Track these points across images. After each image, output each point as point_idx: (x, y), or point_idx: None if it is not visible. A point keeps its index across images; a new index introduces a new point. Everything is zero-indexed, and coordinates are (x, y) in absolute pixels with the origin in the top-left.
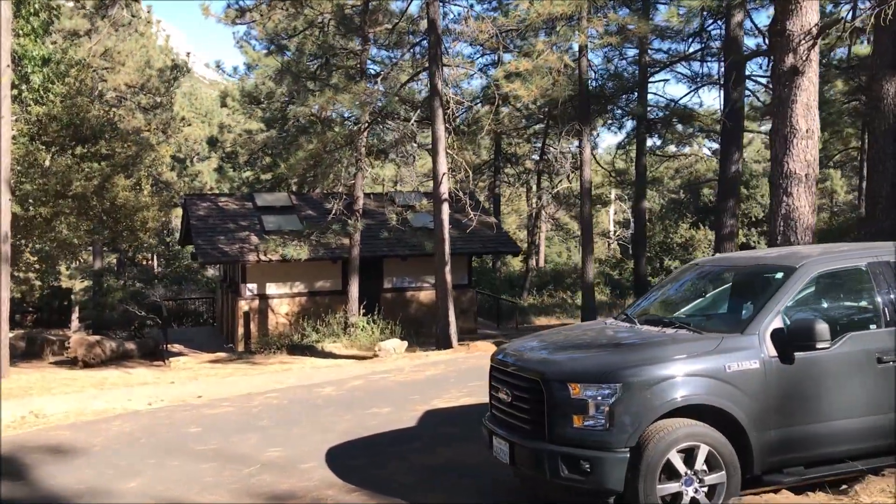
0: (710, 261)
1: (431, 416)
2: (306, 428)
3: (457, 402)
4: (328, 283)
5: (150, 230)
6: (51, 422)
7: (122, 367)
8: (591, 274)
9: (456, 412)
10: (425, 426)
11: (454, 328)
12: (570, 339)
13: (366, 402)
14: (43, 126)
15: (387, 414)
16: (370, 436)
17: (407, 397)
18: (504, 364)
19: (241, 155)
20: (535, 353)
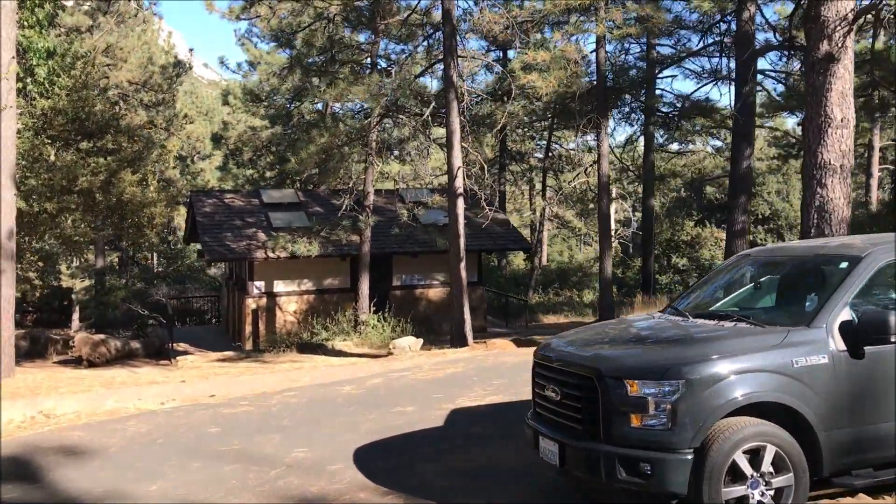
0: (762, 251)
1: (459, 415)
2: (330, 427)
3: (483, 401)
4: (336, 281)
5: (156, 226)
6: (62, 422)
7: (128, 366)
8: (609, 270)
9: (484, 411)
10: (454, 425)
11: (469, 326)
12: (622, 334)
13: (388, 401)
14: (48, 120)
15: (412, 413)
16: (398, 436)
17: (430, 396)
18: (551, 360)
19: (245, 152)
20: (587, 348)
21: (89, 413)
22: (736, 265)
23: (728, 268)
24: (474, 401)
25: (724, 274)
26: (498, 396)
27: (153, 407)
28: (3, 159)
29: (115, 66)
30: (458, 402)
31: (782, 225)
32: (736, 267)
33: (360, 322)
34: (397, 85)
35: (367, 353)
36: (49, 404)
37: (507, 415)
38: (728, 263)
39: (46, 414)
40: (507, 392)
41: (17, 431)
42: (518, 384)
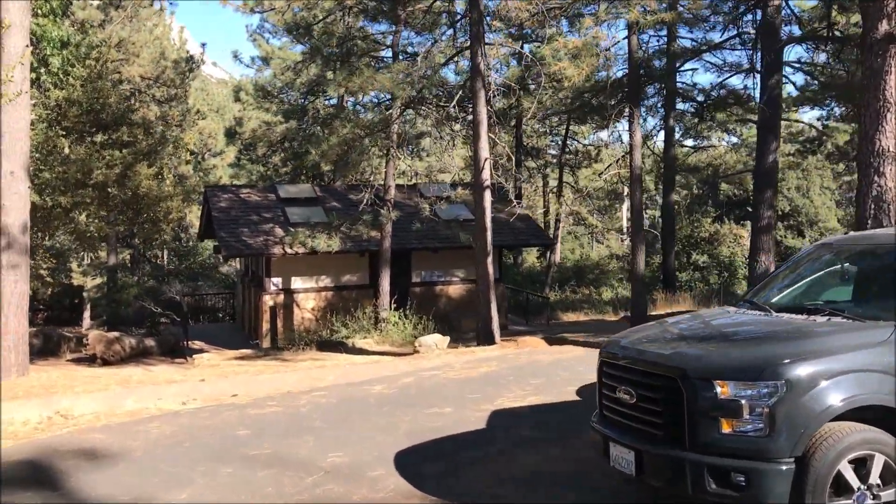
0: (845, 240)
1: (500, 416)
2: (365, 429)
3: (524, 402)
4: (355, 277)
5: (172, 221)
6: (80, 423)
7: (143, 364)
8: (642, 266)
9: (526, 412)
10: (497, 428)
11: (497, 323)
12: (701, 331)
13: (423, 401)
14: (63, 111)
15: (450, 414)
16: (438, 439)
17: (466, 396)
18: (622, 358)
19: (259, 147)
20: (665, 345)
21: (108, 414)
22: (815, 255)
23: (806, 258)
24: (514, 401)
25: (803, 265)
26: (538, 397)
27: (175, 407)
28: (18, 150)
29: (128, 61)
30: (498, 402)
31: (802, 221)
32: (815, 257)
33: (380, 319)
34: (423, 73)
35: (389, 351)
36: (66, 404)
37: (552, 416)
38: (806, 253)
39: (64, 414)
40: (548, 392)
41: (35, 433)
42: (557, 384)
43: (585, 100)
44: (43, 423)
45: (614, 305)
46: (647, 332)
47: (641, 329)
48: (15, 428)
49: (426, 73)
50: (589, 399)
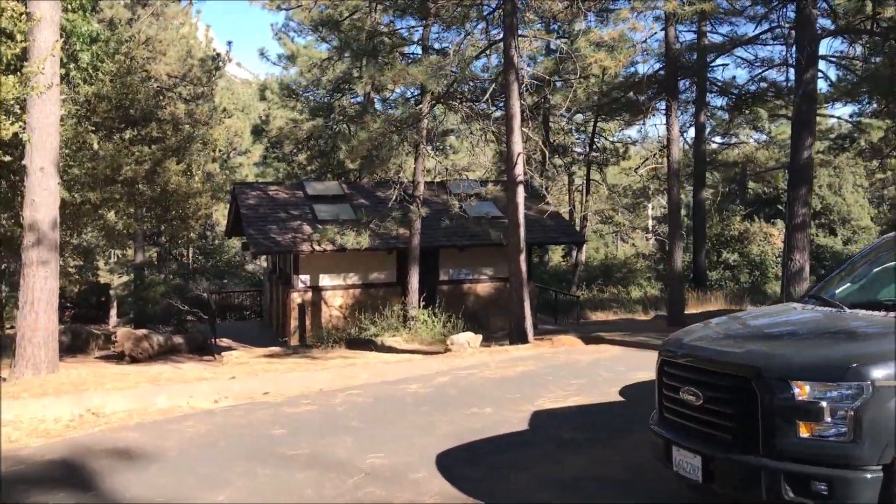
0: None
1: (542, 417)
2: (403, 429)
3: (566, 402)
4: (383, 275)
5: (201, 218)
6: (113, 421)
7: (171, 361)
8: (680, 264)
9: (569, 413)
10: (540, 429)
11: (530, 321)
12: (770, 328)
13: (461, 401)
14: (92, 107)
15: (490, 415)
16: (480, 440)
17: (505, 396)
18: (686, 357)
19: (286, 145)
20: (734, 343)
21: (140, 412)
22: (886, 248)
23: (875, 251)
24: (556, 402)
25: (872, 259)
26: (580, 397)
27: (207, 405)
28: (48, 145)
29: (155, 59)
30: (538, 403)
31: (835, 220)
32: (887, 250)
33: (409, 317)
34: (456, 65)
35: (419, 350)
36: (97, 401)
37: (597, 417)
38: (875, 246)
39: (95, 412)
40: (590, 393)
41: (67, 431)
42: (599, 384)
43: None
44: (74, 420)
45: (644, 304)
46: (710, 329)
47: (702, 327)
48: (47, 426)
49: (458, 65)
50: (633, 400)
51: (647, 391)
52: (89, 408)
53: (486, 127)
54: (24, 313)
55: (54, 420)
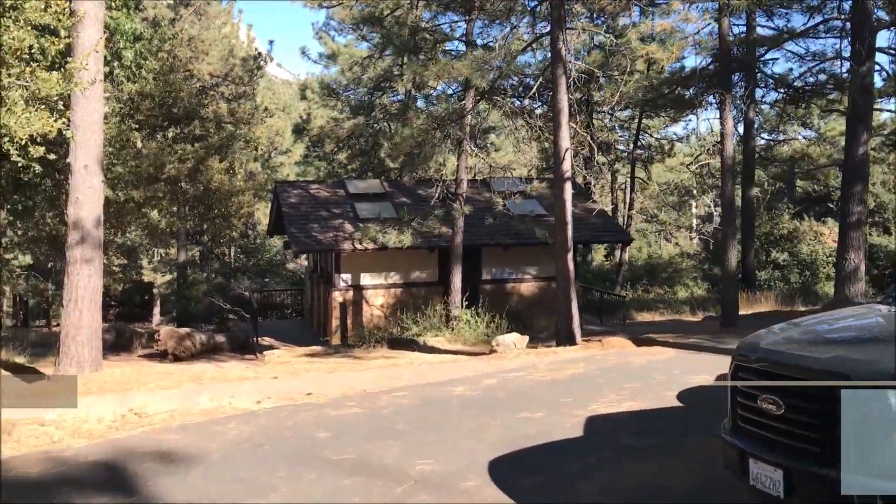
0: None
1: (597, 422)
2: (452, 434)
3: (620, 407)
4: (424, 274)
5: (243, 216)
6: (155, 422)
7: (214, 360)
8: (734, 262)
9: (625, 419)
10: (595, 435)
11: (578, 322)
12: (858, 331)
13: (511, 405)
14: (135, 105)
15: (542, 420)
16: (533, 447)
17: (557, 400)
18: (763, 362)
19: (327, 144)
20: (819, 347)
21: (183, 412)
22: None
23: None
24: (610, 406)
25: None
26: (636, 402)
27: (250, 406)
28: (92, 143)
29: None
30: (592, 407)
31: (889, 218)
32: None
33: (451, 317)
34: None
35: (462, 350)
36: (140, 401)
37: (655, 423)
38: None
39: (138, 412)
40: (645, 397)
41: (109, 432)
42: (654, 388)
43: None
44: (117, 421)
45: (691, 305)
46: (789, 332)
47: (780, 329)
48: (90, 426)
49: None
50: (692, 405)
51: (706, 396)
52: (132, 408)
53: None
54: (67, 311)
55: (97, 420)
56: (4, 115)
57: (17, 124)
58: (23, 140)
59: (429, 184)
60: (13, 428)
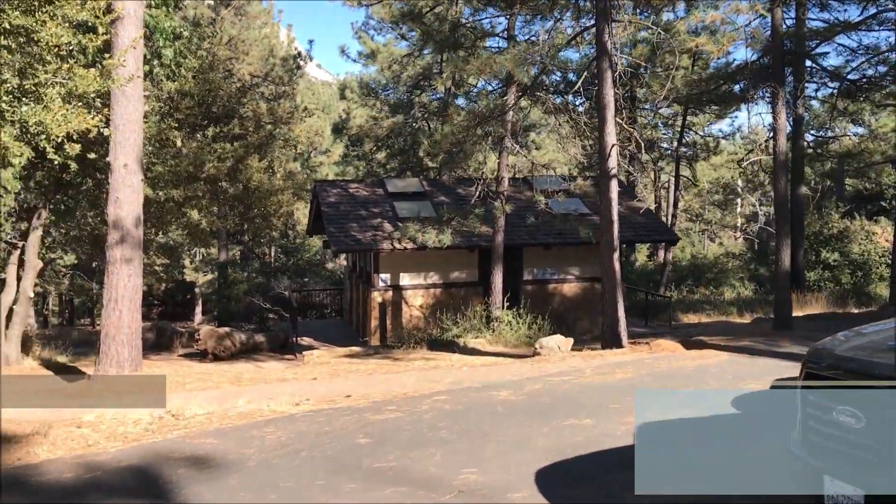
0: None
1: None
2: (497, 442)
3: (673, 414)
4: (464, 274)
5: (282, 215)
6: (192, 425)
7: (253, 360)
8: (787, 262)
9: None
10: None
11: (624, 324)
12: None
13: (558, 411)
14: (175, 103)
15: (591, 427)
16: (584, 455)
17: (605, 405)
18: (838, 370)
19: (366, 143)
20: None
21: (221, 415)
22: None
23: None
24: (662, 413)
25: None
26: (689, 409)
27: (288, 409)
28: (132, 142)
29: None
30: (644, 414)
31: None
32: None
33: (492, 318)
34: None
35: (503, 353)
36: (177, 403)
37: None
38: None
39: (175, 414)
40: (698, 404)
41: (145, 435)
42: (708, 393)
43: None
44: (154, 423)
45: (738, 306)
46: (865, 338)
47: (853, 335)
48: (126, 429)
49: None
50: (749, 412)
51: (764, 403)
52: (169, 409)
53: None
54: (107, 311)
55: (133, 423)
56: (41, 112)
57: (53, 121)
58: (59, 138)
59: (469, 182)
60: (49, 430)
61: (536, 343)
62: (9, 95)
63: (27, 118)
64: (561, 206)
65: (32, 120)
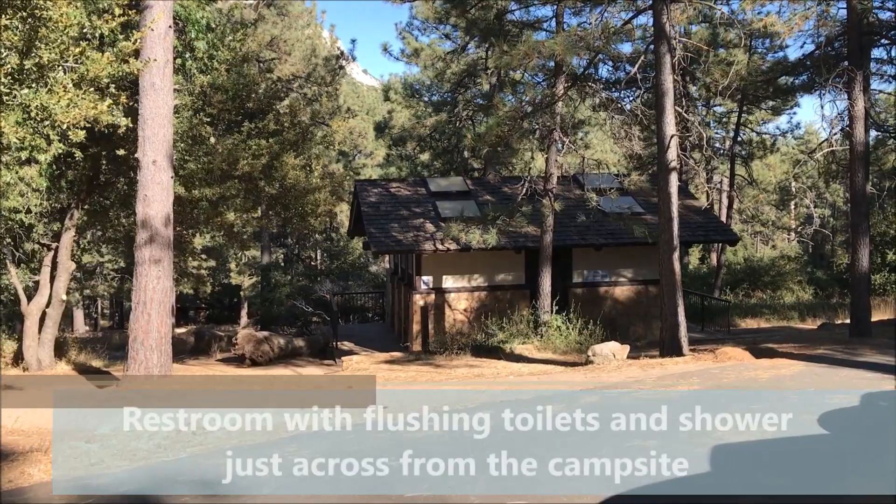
0: None
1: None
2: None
3: (750, 434)
4: (510, 276)
5: (321, 215)
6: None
7: (292, 365)
8: (866, 262)
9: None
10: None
11: (685, 330)
12: None
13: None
14: (207, 98)
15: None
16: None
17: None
18: None
19: (409, 143)
20: None
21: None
22: None
23: None
24: (738, 433)
25: None
26: (769, 427)
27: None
28: (161, 137)
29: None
30: (717, 434)
31: None
32: None
33: (540, 323)
34: (599, 34)
35: (553, 360)
36: (196, 415)
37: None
38: None
39: (193, 429)
40: (780, 421)
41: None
42: (789, 409)
43: (779, 71)
44: (168, 438)
45: (799, 311)
46: None
47: None
48: (137, 444)
49: (602, 35)
50: (840, 433)
51: (854, 420)
52: (187, 422)
53: (633, 108)
54: (136, 315)
55: (148, 437)
56: (44, 95)
57: (58, 107)
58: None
59: (514, 181)
60: (49, 446)
61: (589, 350)
62: (8, 77)
63: (28, 101)
64: (613, 204)
65: (34, 104)
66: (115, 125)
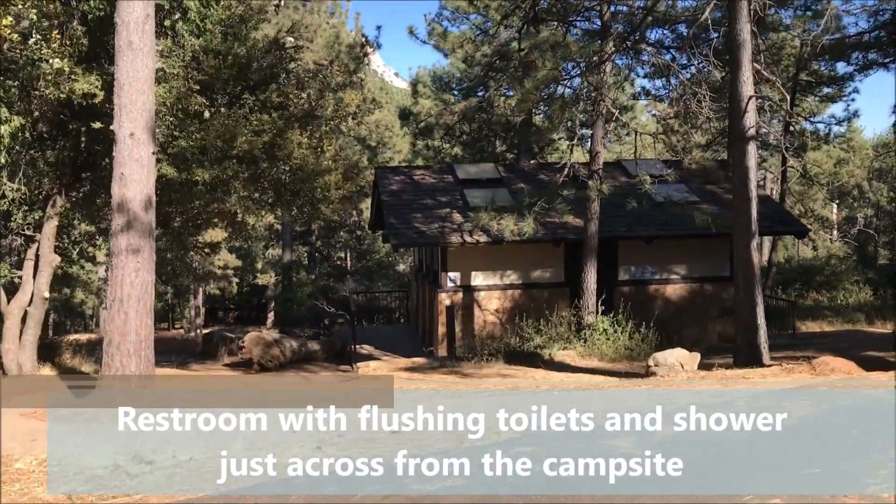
0: None
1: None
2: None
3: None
4: (547, 273)
5: (333, 202)
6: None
7: (304, 371)
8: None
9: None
10: None
11: (765, 335)
12: None
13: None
14: (200, 64)
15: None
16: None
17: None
18: None
19: (436, 132)
20: None
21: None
22: None
23: None
24: (887, 480)
25: None
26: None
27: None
28: (140, 106)
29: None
30: (863, 486)
31: None
32: None
33: (584, 325)
34: None
35: (599, 368)
36: (151, 444)
37: None
38: None
39: (145, 460)
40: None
41: None
42: None
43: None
44: (105, 477)
45: (867, 312)
46: None
47: None
48: (73, 486)
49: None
50: None
51: None
52: (137, 454)
53: (705, 63)
54: (111, 314)
55: (88, 473)
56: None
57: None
58: None
59: (551, 168)
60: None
61: (650, 359)
62: None
63: None
64: (664, 192)
65: None
66: (92, 94)
